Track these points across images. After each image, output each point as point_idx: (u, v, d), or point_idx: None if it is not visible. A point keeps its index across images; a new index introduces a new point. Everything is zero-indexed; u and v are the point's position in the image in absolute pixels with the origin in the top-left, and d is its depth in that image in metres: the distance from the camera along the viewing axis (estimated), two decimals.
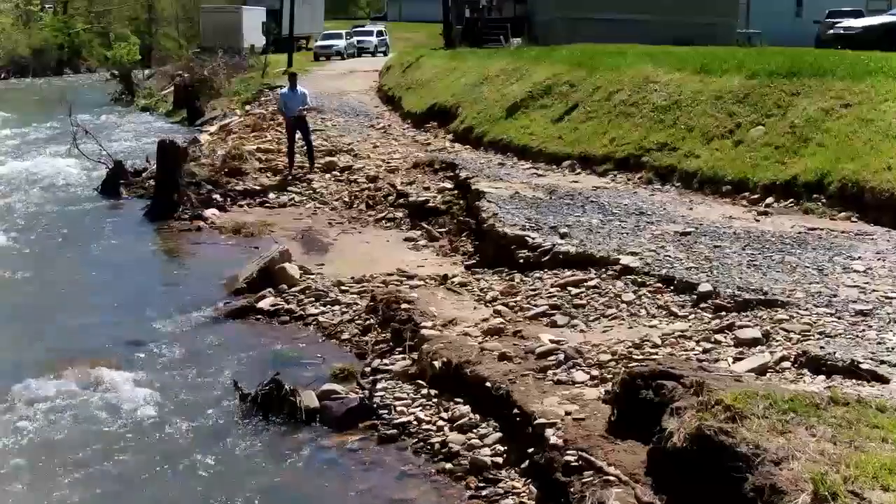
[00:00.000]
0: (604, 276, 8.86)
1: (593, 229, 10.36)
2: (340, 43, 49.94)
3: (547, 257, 9.61)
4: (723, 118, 13.05)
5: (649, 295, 8.30)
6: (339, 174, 16.90)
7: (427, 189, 14.74)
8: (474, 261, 11.01)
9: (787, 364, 6.37)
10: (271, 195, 16.26)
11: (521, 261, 9.84)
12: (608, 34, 22.58)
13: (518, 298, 8.88)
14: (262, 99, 29.49)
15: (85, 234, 14.09)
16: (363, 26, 62.28)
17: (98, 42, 63.83)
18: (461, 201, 13.66)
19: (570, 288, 8.78)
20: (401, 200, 14.77)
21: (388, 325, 9.03)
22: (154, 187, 15.92)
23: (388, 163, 17.03)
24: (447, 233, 13.05)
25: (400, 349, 8.45)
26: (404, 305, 9.00)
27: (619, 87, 15.39)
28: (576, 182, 13.52)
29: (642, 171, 13.28)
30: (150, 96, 38.92)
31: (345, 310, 9.95)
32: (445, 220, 13.43)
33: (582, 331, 7.87)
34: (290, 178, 16.83)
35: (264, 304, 10.34)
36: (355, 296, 10.31)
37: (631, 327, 7.81)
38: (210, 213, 15.29)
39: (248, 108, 28.71)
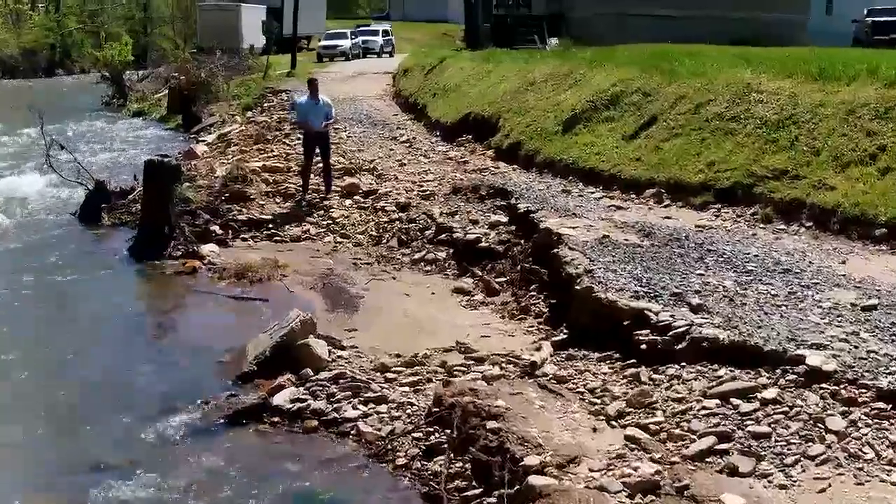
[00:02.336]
0: (782, 381, 6.06)
1: (731, 297, 7.56)
2: (345, 43, 47.10)
3: (683, 344, 6.81)
4: (859, 138, 10.25)
5: (870, 421, 5.52)
6: (362, 200, 14.07)
7: (475, 223, 11.93)
8: (562, 335, 8.19)
9: None
10: (280, 226, 13.44)
11: (643, 346, 7.03)
12: (660, 33, 19.84)
13: (658, 417, 6.08)
14: (265, 105, 26.69)
15: (51, 280, 11.26)
16: (368, 25, 59.41)
17: (90, 42, 60.92)
18: (522, 241, 10.86)
19: (734, 401, 5.99)
20: (442, 236, 11.97)
21: (465, 449, 6.23)
22: (140, 217, 13.10)
23: (421, 186, 14.21)
24: (509, 283, 10.26)
25: (494, 501, 5.64)
26: (490, 424, 6.18)
27: (711, 96, 12.56)
28: (669, 218, 10.72)
29: (755, 204, 10.48)
30: (142, 100, 36.08)
31: (396, 412, 7.16)
32: (504, 267, 10.64)
33: (783, 487, 5.09)
34: (305, 204, 14.00)
35: (282, 399, 7.54)
36: (407, 389, 7.52)
37: (859, 482, 5.05)
38: (208, 249, 12.49)
39: (249, 114, 25.92)
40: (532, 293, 9.63)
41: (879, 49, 18.63)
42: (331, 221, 13.43)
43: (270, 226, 13.40)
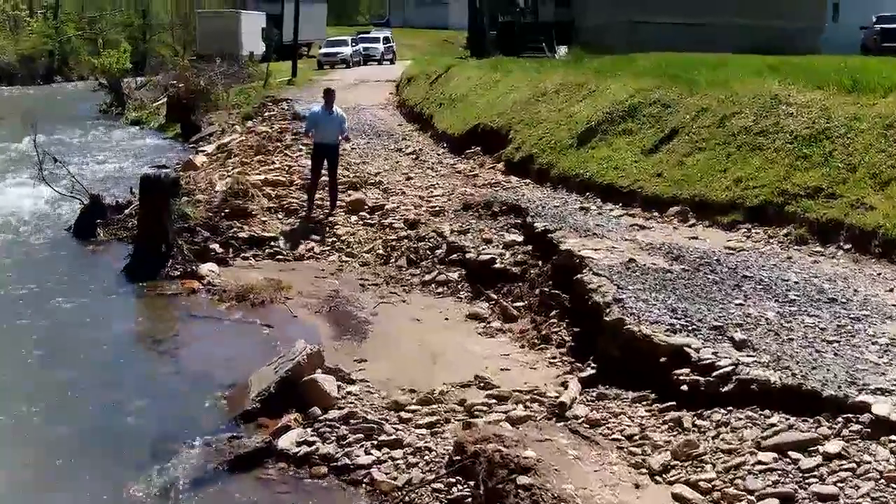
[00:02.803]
0: (845, 432, 5.45)
1: (776, 330, 6.95)
2: (346, 50, 46.64)
3: (729, 386, 6.19)
4: None
5: None
6: (368, 216, 13.46)
7: (488, 242, 11.33)
8: (590, 369, 7.58)
9: None
10: (283, 244, 12.83)
11: (684, 386, 6.41)
12: (673, 41, 19.24)
13: (709, 472, 5.46)
14: (266, 114, 26.09)
15: (41, 303, 10.63)
16: (368, 32, 58.90)
17: (88, 49, 60.37)
18: (539, 262, 10.26)
19: (793, 454, 5.38)
20: (454, 256, 11.37)
21: None
22: (136, 235, 12.48)
23: (429, 201, 13.60)
24: (527, 309, 9.66)
25: None
26: (521, 479, 5.56)
27: (736, 109, 11.95)
28: (696, 238, 10.12)
29: (788, 224, 9.87)
30: (141, 108, 35.46)
31: (412, 458, 6.54)
32: (521, 290, 10.04)
33: None
34: (313, 220, 13.38)
35: (288, 441, 6.92)
36: (424, 431, 6.90)
37: None
38: (207, 269, 11.88)
39: (249, 123, 25.32)
40: (552, 320, 9.04)
41: (886, 56, 18.09)
42: (336, 239, 12.83)
43: (273, 244, 12.79)
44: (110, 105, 37.37)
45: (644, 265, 8.75)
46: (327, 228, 13.15)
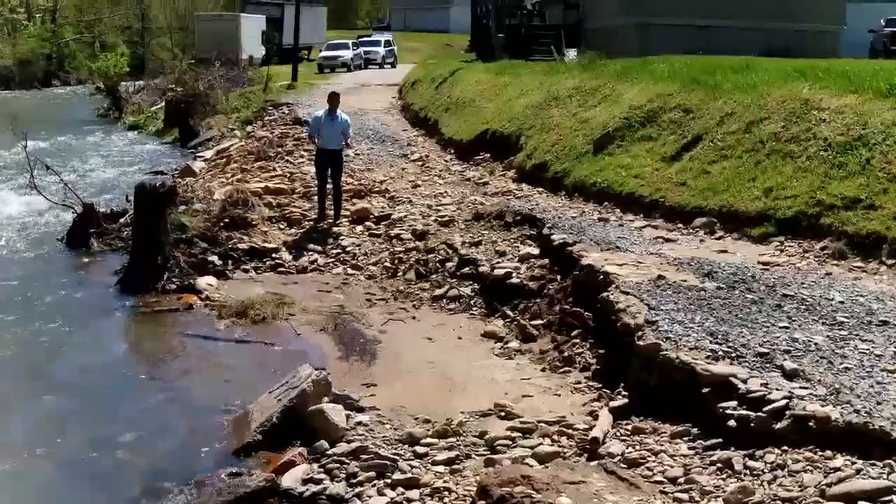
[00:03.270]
0: None
1: (829, 358, 6.34)
2: (347, 53, 45.96)
3: (783, 423, 5.57)
4: None
5: None
6: (374, 226, 12.85)
7: (502, 254, 10.73)
8: (621, 398, 6.97)
9: None
10: (285, 255, 12.23)
11: (732, 422, 5.80)
12: (689, 43, 18.61)
13: None
14: (266, 118, 25.50)
15: (31, 322, 10.01)
16: (369, 36, 58.29)
17: (86, 53, 59.80)
18: (558, 277, 9.66)
19: None
20: (466, 270, 10.77)
21: None
22: (131, 247, 11.86)
23: (438, 210, 12.99)
24: (546, 328, 9.05)
25: None
26: None
27: (764, 114, 11.34)
28: (725, 252, 9.51)
29: (824, 237, 9.26)
30: (138, 113, 34.87)
31: (431, 501, 5.91)
32: (540, 308, 9.42)
33: None
34: (323, 228, 12.80)
35: (293, 480, 6.29)
36: (442, 468, 6.26)
37: None
38: (205, 282, 11.30)
39: (249, 128, 24.74)
40: (575, 340, 8.45)
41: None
42: (340, 251, 12.23)
43: (274, 255, 12.19)
44: (108, 109, 36.82)
45: (675, 282, 8.13)
46: (331, 239, 12.54)
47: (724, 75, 13.15)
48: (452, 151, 17.30)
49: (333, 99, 13.47)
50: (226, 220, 12.82)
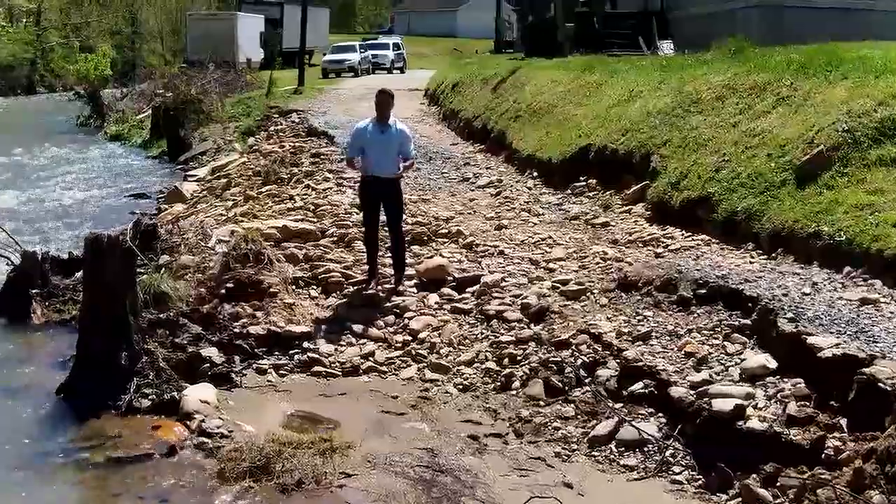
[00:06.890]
0: None
1: None
2: (354, 57, 41.86)
3: None
4: None
5: None
6: (455, 294, 8.40)
7: (700, 361, 6.33)
8: None
9: None
10: (323, 345, 7.81)
11: None
12: (826, 31, 14.37)
13: None
14: (272, 128, 21.13)
15: None
16: (376, 38, 54.16)
17: (64, 55, 55.82)
18: (844, 420, 5.25)
19: None
20: (639, 387, 6.35)
21: None
22: (79, 338, 7.42)
23: (551, 270, 8.58)
24: None
25: None
26: None
27: None
28: None
29: None
30: (122, 121, 30.49)
31: None
32: (833, 489, 4.99)
33: None
34: (377, 298, 8.39)
35: None
36: None
37: None
38: (197, 397, 6.94)
39: (251, 141, 20.37)
40: None
41: None
42: (410, 337, 7.80)
43: (306, 344, 7.77)
44: (88, 117, 32.46)
45: None
46: (392, 317, 8.12)
47: None
48: (534, 174, 12.81)
49: (384, 101, 8.80)
50: (229, 285, 8.38)
